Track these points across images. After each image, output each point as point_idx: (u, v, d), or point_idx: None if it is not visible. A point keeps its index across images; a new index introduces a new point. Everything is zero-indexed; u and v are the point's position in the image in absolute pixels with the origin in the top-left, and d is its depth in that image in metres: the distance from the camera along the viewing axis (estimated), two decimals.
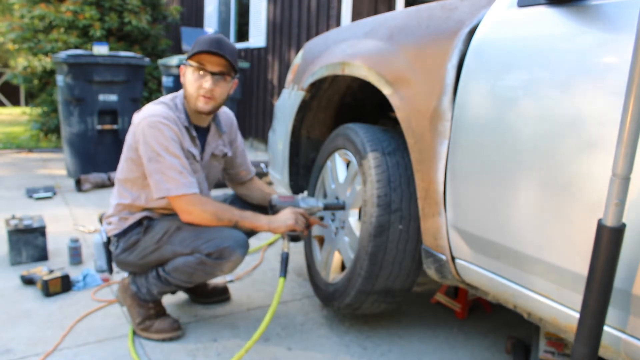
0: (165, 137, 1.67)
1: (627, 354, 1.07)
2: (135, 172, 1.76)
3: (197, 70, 1.72)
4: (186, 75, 1.76)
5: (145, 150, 1.68)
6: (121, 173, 1.81)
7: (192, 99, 1.75)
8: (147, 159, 1.68)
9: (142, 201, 1.79)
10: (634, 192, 0.99)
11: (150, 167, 1.68)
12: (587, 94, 1.09)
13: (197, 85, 1.72)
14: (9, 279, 2.29)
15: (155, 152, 1.66)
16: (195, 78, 1.72)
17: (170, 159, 1.67)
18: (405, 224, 1.64)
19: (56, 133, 6.33)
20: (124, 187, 1.81)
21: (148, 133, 1.67)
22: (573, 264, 1.12)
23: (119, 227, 1.80)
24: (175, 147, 1.69)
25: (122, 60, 4.20)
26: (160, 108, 1.73)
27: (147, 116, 1.69)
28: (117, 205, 1.81)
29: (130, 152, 1.76)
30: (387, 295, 1.75)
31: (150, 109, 1.73)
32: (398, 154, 1.70)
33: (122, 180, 1.81)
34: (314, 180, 2.18)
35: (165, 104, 1.77)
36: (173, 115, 1.73)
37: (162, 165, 1.67)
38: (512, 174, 1.25)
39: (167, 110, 1.73)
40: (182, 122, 1.76)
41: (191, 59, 1.72)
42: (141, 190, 1.78)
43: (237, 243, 1.68)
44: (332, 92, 2.28)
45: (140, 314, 1.82)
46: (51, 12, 5.92)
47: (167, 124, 1.69)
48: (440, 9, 1.59)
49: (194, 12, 8.21)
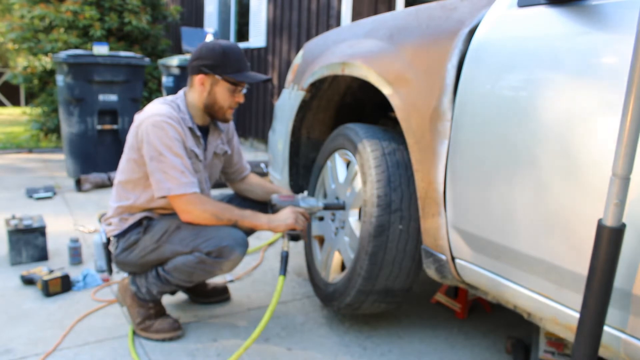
0: (169, 137, 1.68)
1: (627, 354, 1.07)
2: (137, 172, 1.76)
3: (233, 86, 1.79)
4: (216, 88, 1.79)
5: (148, 149, 1.68)
6: (122, 175, 1.81)
7: (222, 110, 1.82)
8: (149, 157, 1.69)
9: (143, 202, 1.79)
10: (634, 192, 0.99)
11: (152, 166, 1.68)
12: (587, 94, 1.09)
13: (231, 99, 1.82)
14: (9, 279, 2.29)
15: (158, 151, 1.67)
16: (230, 93, 1.80)
17: (173, 158, 1.67)
18: (405, 224, 1.64)
19: (56, 133, 6.33)
20: (124, 189, 1.81)
21: (152, 132, 1.67)
22: (573, 264, 1.12)
23: (118, 227, 1.80)
24: (178, 146, 1.70)
25: (122, 60, 4.20)
26: (164, 108, 1.74)
27: (151, 115, 1.70)
28: (118, 207, 1.81)
29: (132, 152, 1.76)
30: (387, 295, 1.75)
31: (154, 108, 1.74)
32: (398, 154, 1.70)
33: (124, 182, 1.80)
34: (314, 180, 2.18)
35: (168, 105, 1.77)
36: (177, 115, 1.74)
37: (164, 165, 1.67)
38: (512, 174, 1.25)
39: (170, 111, 1.74)
40: (186, 122, 1.77)
41: (229, 77, 1.76)
42: (142, 191, 1.78)
43: (237, 242, 1.68)
44: (332, 92, 2.28)
45: (140, 314, 1.82)
46: (51, 12, 5.92)
47: (171, 124, 1.70)
48: (440, 9, 1.59)
49: (194, 12, 8.21)
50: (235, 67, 1.78)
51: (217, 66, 1.76)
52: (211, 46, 1.78)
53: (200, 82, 1.79)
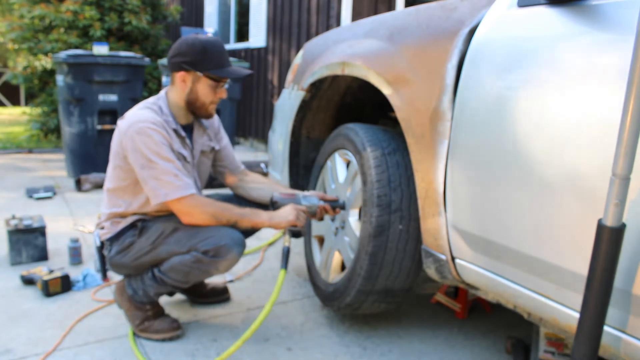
0: (156, 142, 1.65)
1: (627, 354, 1.07)
2: (125, 180, 1.74)
3: (215, 82, 1.76)
4: (198, 85, 1.75)
5: (135, 157, 1.65)
6: (110, 182, 1.79)
7: (204, 106, 1.79)
8: (139, 166, 1.65)
9: (136, 208, 1.77)
10: (634, 192, 0.99)
11: (144, 174, 1.65)
12: (587, 94, 1.09)
13: (213, 95, 1.78)
14: (9, 279, 2.29)
15: (147, 158, 1.64)
16: (212, 89, 1.77)
17: (164, 164, 1.65)
18: (405, 224, 1.64)
19: (56, 133, 6.33)
20: (114, 196, 1.78)
21: (137, 139, 1.64)
22: (573, 264, 1.12)
23: (111, 230, 1.79)
24: (166, 150, 1.67)
25: (122, 60, 4.20)
26: (146, 113, 1.70)
27: (134, 122, 1.66)
28: (110, 213, 1.79)
29: (118, 159, 1.73)
30: (387, 295, 1.75)
31: (136, 115, 1.70)
32: (398, 154, 1.70)
33: (112, 189, 1.78)
34: (313, 181, 2.18)
35: (150, 109, 1.74)
36: (160, 119, 1.71)
37: (156, 171, 1.64)
38: (512, 174, 1.25)
39: (153, 115, 1.70)
40: (169, 125, 1.74)
41: (210, 74, 1.73)
42: (133, 197, 1.76)
43: (234, 241, 1.67)
44: (332, 92, 2.28)
45: (138, 317, 1.82)
46: (51, 12, 5.92)
47: (156, 129, 1.66)
48: (440, 9, 1.59)
49: (194, 12, 8.21)
50: (216, 63, 1.74)
51: (198, 62, 1.72)
52: (191, 42, 1.73)
53: (182, 79, 1.75)
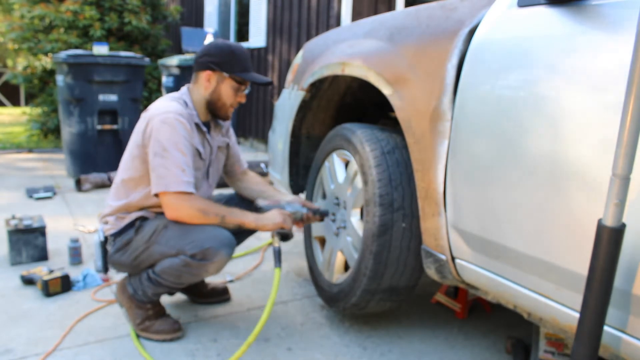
0: (178, 134, 1.69)
1: (627, 354, 1.07)
2: (141, 170, 1.77)
3: (238, 84, 1.82)
4: (222, 85, 1.82)
5: (153, 144, 1.69)
6: (126, 173, 1.80)
7: (225, 107, 1.85)
8: (153, 153, 1.69)
9: (142, 199, 1.78)
10: (634, 192, 0.99)
11: (155, 162, 1.69)
12: (586, 94, 1.09)
13: (234, 98, 1.85)
14: (9, 279, 2.29)
15: (163, 147, 1.68)
16: (234, 91, 1.84)
17: (177, 155, 1.68)
18: (408, 222, 1.64)
19: (56, 133, 6.33)
20: (126, 187, 1.80)
21: (161, 129, 1.69)
22: (573, 264, 1.12)
23: (115, 226, 1.80)
24: (184, 144, 1.71)
25: (122, 60, 4.20)
26: (173, 105, 1.76)
27: (162, 112, 1.71)
28: (115, 205, 1.81)
29: (138, 149, 1.76)
30: (393, 294, 1.75)
31: (163, 105, 1.75)
32: (397, 152, 1.70)
33: (126, 180, 1.80)
34: (311, 181, 2.18)
35: (177, 101, 1.79)
36: (186, 112, 1.76)
37: (167, 161, 1.67)
38: (512, 174, 1.25)
39: (180, 107, 1.76)
40: (193, 119, 1.79)
41: (235, 76, 1.80)
42: (143, 188, 1.78)
43: (222, 243, 1.67)
44: (332, 92, 2.28)
45: (139, 315, 1.82)
46: (51, 12, 5.92)
47: (181, 121, 1.72)
48: (440, 9, 1.59)
49: (194, 12, 8.21)
50: (242, 67, 1.82)
51: (225, 64, 1.79)
52: (220, 44, 1.82)
53: (207, 78, 1.81)
